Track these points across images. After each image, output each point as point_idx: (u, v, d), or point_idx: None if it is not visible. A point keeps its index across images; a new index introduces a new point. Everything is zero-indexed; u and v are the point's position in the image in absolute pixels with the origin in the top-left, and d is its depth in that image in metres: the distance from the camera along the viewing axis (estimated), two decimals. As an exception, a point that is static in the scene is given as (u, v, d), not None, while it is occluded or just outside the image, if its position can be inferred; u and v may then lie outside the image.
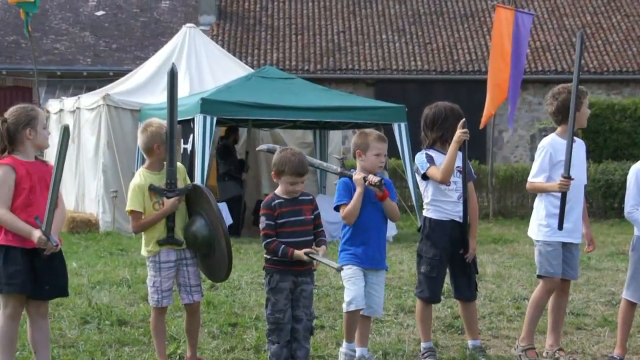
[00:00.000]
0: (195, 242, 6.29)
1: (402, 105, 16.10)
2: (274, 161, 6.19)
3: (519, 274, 11.19)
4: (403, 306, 8.81)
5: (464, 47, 29.71)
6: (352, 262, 6.56)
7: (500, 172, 21.66)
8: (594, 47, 29.68)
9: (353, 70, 28.96)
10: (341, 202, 6.54)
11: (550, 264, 6.79)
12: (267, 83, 15.72)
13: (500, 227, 18.50)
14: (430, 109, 6.96)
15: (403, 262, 12.35)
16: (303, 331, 6.13)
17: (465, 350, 6.90)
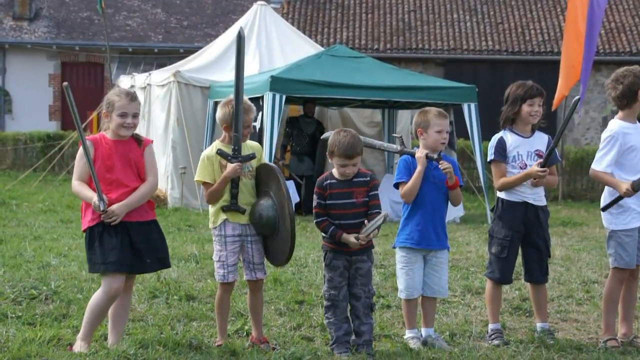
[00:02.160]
0: (260, 221, 6.29)
1: (472, 85, 15.95)
2: (329, 142, 6.22)
3: (589, 258, 11.05)
4: (470, 287, 8.77)
5: (536, 28, 29.33)
6: (408, 244, 6.54)
7: (571, 155, 21.41)
8: (671, 28, 29.05)
9: (423, 50, 28.79)
10: (401, 180, 6.53)
11: (630, 254, 6.67)
12: (337, 62, 15.70)
13: (569, 210, 18.29)
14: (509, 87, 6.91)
15: (470, 243, 12.28)
16: (363, 308, 6.17)
17: (533, 332, 6.84)
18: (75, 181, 5.96)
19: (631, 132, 6.65)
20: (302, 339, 6.61)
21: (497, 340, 6.61)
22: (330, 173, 6.28)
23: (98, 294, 5.95)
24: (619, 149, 6.63)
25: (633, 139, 6.63)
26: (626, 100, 6.73)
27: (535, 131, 6.86)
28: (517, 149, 6.77)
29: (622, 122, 6.72)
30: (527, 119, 6.76)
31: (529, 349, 6.36)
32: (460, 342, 6.68)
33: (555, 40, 28.39)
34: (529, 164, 6.71)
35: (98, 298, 5.94)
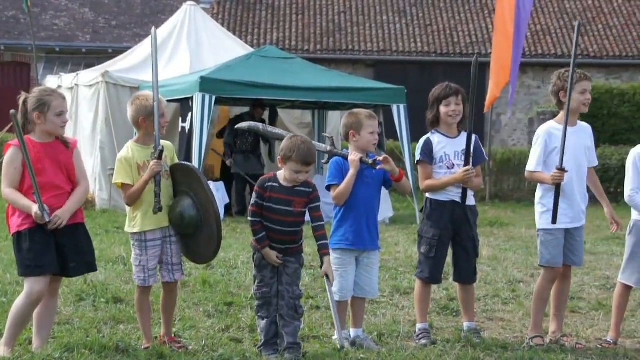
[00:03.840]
0: (183, 221, 6.25)
1: (401, 86, 16.08)
2: (282, 146, 6.16)
3: (515, 257, 11.21)
4: (399, 287, 8.84)
5: (464, 30, 29.65)
6: (342, 245, 6.56)
7: (498, 156, 21.68)
8: (595, 31, 29.61)
9: (353, 51, 28.90)
10: (333, 182, 6.54)
11: (551, 253, 6.79)
12: (267, 62, 15.69)
13: (496, 210, 18.52)
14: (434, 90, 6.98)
15: (399, 243, 12.37)
16: (287, 309, 6.15)
17: (460, 332, 6.92)
18: (7, 189, 5.81)
19: (558, 134, 6.75)
20: (231, 340, 6.59)
21: (424, 339, 6.67)
22: (275, 175, 6.24)
23: (21, 298, 5.87)
24: (544, 148, 6.75)
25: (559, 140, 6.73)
26: (556, 100, 6.92)
27: (462, 131, 6.93)
28: (444, 150, 6.83)
29: (553, 123, 6.88)
30: (446, 119, 6.83)
31: (456, 348, 6.43)
32: (388, 342, 6.73)
33: (483, 42, 28.73)
34: (457, 164, 6.78)
35: (21, 302, 5.85)
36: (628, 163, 6.99)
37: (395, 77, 24.43)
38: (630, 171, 6.94)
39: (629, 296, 7.18)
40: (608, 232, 14.06)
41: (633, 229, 6.97)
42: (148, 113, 6.23)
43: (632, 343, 6.98)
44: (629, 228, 7.03)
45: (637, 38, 29.39)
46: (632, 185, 6.89)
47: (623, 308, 7.02)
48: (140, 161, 6.22)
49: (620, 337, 6.96)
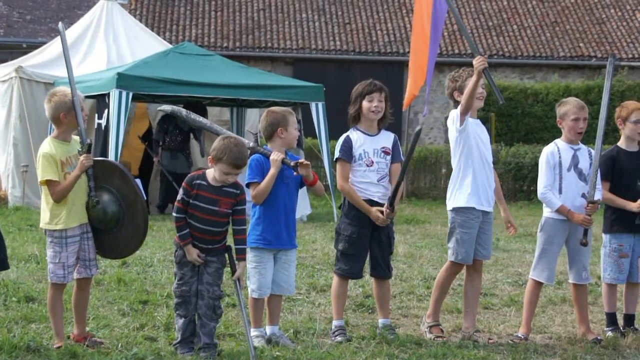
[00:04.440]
0: (105, 217, 6.21)
1: (320, 84, 16.13)
2: (214, 146, 6.12)
3: (430, 254, 11.34)
4: (315, 285, 8.87)
5: (382, 29, 29.87)
6: (260, 244, 6.57)
7: (415, 154, 21.87)
8: (509, 32, 30.13)
9: (272, 49, 28.90)
10: (253, 180, 6.53)
11: (466, 251, 6.91)
12: (185, 59, 15.59)
13: (413, 208, 18.71)
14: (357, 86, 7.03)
15: (316, 241, 12.42)
16: (205, 309, 6.12)
17: (375, 328, 6.97)
18: None
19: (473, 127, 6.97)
20: (146, 339, 6.53)
21: (340, 337, 6.71)
22: (204, 173, 6.21)
23: None
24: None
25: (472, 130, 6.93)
26: (452, 100, 7.11)
27: (382, 129, 6.99)
28: (363, 147, 6.87)
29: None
30: (368, 115, 6.87)
31: (371, 345, 6.49)
32: (304, 339, 6.75)
33: (401, 41, 28.99)
34: (376, 161, 6.84)
35: None
36: (541, 161, 7.14)
37: (314, 75, 24.50)
38: (542, 169, 7.09)
39: (540, 292, 7.34)
40: (521, 230, 14.33)
41: (544, 226, 7.11)
42: (68, 108, 6.16)
43: (542, 338, 7.12)
44: (540, 225, 7.18)
45: (550, 39, 29.98)
46: (545, 183, 7.04)
47: (534, 304, 7.17)
48: (63, 157, 6.15)
49: (530, 333, 7.10)
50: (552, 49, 29.61)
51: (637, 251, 7.27)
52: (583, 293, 7.18)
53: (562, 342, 6.95)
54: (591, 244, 7.13)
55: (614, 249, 7.26)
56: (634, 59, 29.20)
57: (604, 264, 7.32)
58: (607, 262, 7.30)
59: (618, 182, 7.25)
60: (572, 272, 7.16)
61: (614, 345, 6.79)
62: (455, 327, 7.28)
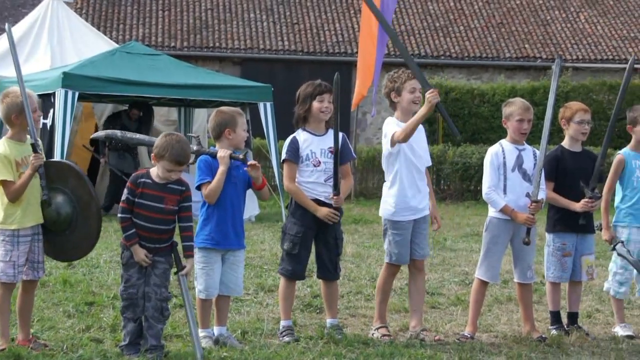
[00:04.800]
0: (58, 218, 6.17)
1: (268, 85, 16.13)
2: (157, 143, 6.12)
3: (378, 254, 11.38)
4: (263, 285, 8.88)
5: (330, 29, 29.92)
6: (207, 245, 6.56)
7: (363, 154, 21.96)
8: (456, 32, 30.35)
9: (220, 49, 28.81)
10: (204, 181, 6.51)
11: (400, 252, 6.99)
12: (132, 59, 15.49)
13: (361, 208, 18.78)
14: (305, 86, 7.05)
15: (265, 241, 12.42)
16: (153, 310, 6.09)
17: (323, 328, 6.99)
18: None
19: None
20: (91, 340, 6.49)
21: (287, 337, 6.72)
22: (148, 172, 6.19)
23: None
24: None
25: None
26: (389, 101, 7.13)
27: (329, 129, 7.02)
28: (310, 147, 6.89)
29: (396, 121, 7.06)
30: (318, 115, 6.90)
31: (318, 345, 6.51)
32: (252, 339, 6.76)
33: (349, 42, 29.07)
34: (323, 162, 6.86)
35: None
36: (485, 162, 7.21)
37: (262, 75, 24.47)
38: (487, 170, 7.16)
39: (486, 291, 7.41)
40: (467, 229, 14.48)
41: (489, 226, 7.19)
42: (20, 109, 6.13)
43: (488, 337, 7.20)
44: (485, 225, 7.26)
45: (496, 40, 30.26)
46: (490, 183, 7.11)
47: (480, 303, 7.24)
48: (18, 158, 6.12)
49: (477, 331, 7.17)
50: (498, 49, 29.89)
51: (579, 250, 7.38)
52: (528, 292, 7.26)
53: (507, 340, 7.03)
54: (535, 243, 7.22)
55: (557, 248, 7.35)
56: (578, 60, 29.57)
57: (548, 262, 7.42)
58: (550, 261, 7.39)
59: (562, 182, 7.35)
60: (517, 271, 7.24)
61: (558, 343, 6.89)
62: (402, 327, 7.33)
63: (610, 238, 7.39)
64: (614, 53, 30.12)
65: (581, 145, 7.52)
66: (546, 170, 7.20)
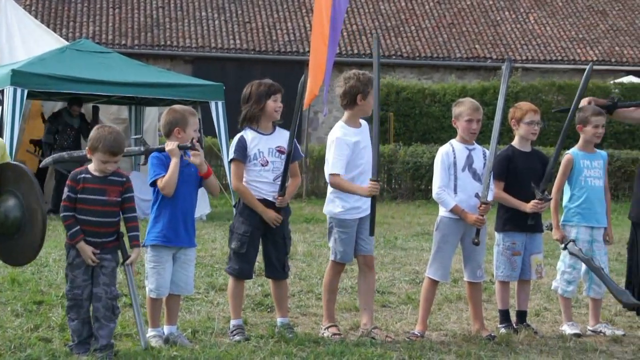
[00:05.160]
0: (6, 221, 6.10)
1: (219, 83, 16.09)
2: (90, 136, 6.13)
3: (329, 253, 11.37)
4: (214, 284, 8.85)
5: (282, 28, 29.91)
6: (159, 242, 6.53)
7: (315, 153, 21.96)
8: (407, 32, 30.50)
9: (171, 47, 28.69)
10: (159, 175, 6.48)
11: (345, 250, 7.01)
12: (82, 56, 15.36)
13: (313, 207, 18.77)
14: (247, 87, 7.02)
15: (216, 240, 12.39)
16: (104, 310, 6.06)
17: (273, 327, 6.99)
18: None
19: (351, 135, 6.98)
20: (40, 340, 6.43)
21: (238, 336, 6.71)
22: (86, 168, 6.16)
23: None
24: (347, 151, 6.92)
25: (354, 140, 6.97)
26: (347, 100, 7.07)
27: (276, 128, 7.02)
28: (258, 147, 6.88)
29: (345, 126, 7.05)
30: (272, 114, 6.90)
31: (269, 344, 6.50)
32: (202, 338, 6.73)
33: (301, 41, 29.09)
34: (271, 161, 6.86)
35: None
36: (436, 162, 7.25)
37: (213, 73, 24.37)
38: (437, 169, 7.20)
39: (436, 290, 7.46)
40: (418, 228, 14.55)
41: (439, 225, 7.23)
42: None
43: (438, 335, 7.24)
44: (436, 224, 7.30)
45: (447, 40, 30.46)
46: (440, 183, 7.15)
47: (430, 302, 7.28)
48: None
49: (427, 330, 7.21)
50: (449, 50, 30.10)
51: (529, 249, 7.45)
52: (477, 291, 7.32)
53: (457, 339, 7.07)
54: (485, 242, 7.29)
55: (506, 247, 7.42)
56: (528, 60, 29.88)
57: (497, 261, 7.48)
58: (500, 260, 7.46)
59: (513, 182, 7.41)
60: (467, 270, 7.30)
61: (507, 341, 6.95)
62: (353, 325, 7.35)
63: (561, 237, 7.48)
64: (562, 54, 30.47)
65: (531, 145, 7.60)
66: (497, 170, 7.26)
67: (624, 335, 7.35)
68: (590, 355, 6.63)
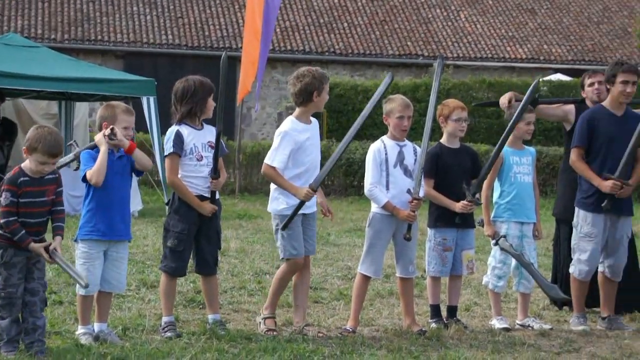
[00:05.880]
0: None
1: (151, 78, 15.97)
2: (28, 136, 6.01)
3: (262, 249, 11.41)
4: (145, 281, 8.79)
5: (215, 23, 29.80)
6: (93, 236, 6.46)
7: (248, 149, 21.93)
8: (340, 29, 30.60)
9: (102, 42, 28.40)
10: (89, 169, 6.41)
11: (295, 246, 6.99)
12: (10, 51, 15.11)
13: (245, 203, 18.75)
14: (180, 82, 6.98)
15: (147, 236, 12.30)
16: (40, 303, 6.05)
17: (205, 324, 6.96)
18: None
19: (301, 131, 6.98)
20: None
21: (169, 332, 6.67)
22: (21, 169, 6.05)
23: None
24: (292, 146, 6.93)
25: (303, 137, 6.96)
26: (302, 98, 7.06)
27: (204, 124, 7.01)
28: (194, 142, 6.87)
29: (295, 121, 7.04)
30: (209, 112, 6.92)
31: (201, 340, 6.47)
32: (133, 336, 6.68)
33: (234, 37, 29.00)
34: (205, 156, 6.86)
35: None
36: (368, 158, 7.30)
37: (145, 69, 24.23)
38: (369, 166, 7.25)
39: (368, 286, 7.51)
40: (351, 224, 14.63)
41: (372, 221, 7.27)
42: None
43: (370, 330, 7.29)
44: (368, 220, 7.33)
45: (379, 37, 30.63)
46: (371, 180, 7.20)
47: (362, 298, 7.32)
48: None
49: (358, 325, 7.25)
50: (382, 46, 30.26)
51: (460, 245, 7.53)
52: (409, 286, 7.38)
53: (388, 334, 7.13)
54: (417, 238, 7.35)
55: (438, 242, 7.49)
56: (459, 58, 30.18)
57: (429, 257, 7.55)
58: (431, 256, 7.52)
59: (442, 179, 7.49)
60: (399, 266, 7.35)
61: (438, 336, 7.02)
62: (285, 322, 7.36)
63: (492, 233, 7.58)
64: (492, 51, 30.84)
65: (459, 142, 7.68)
66: (426, 168, 7.32)
67: (551, 329, 7.48)
68: (518, 348, 6.72)
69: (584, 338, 7.21)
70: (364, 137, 23.07)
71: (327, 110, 23.67)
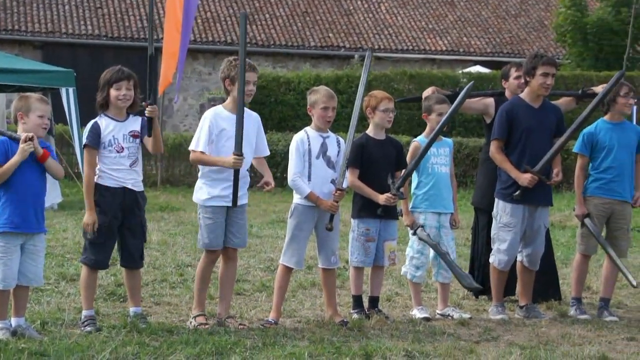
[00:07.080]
0: None
1: (70, 69, 15.73)
2: None
3: (184, 242, 11.36)
4: (65, 274, 8.68)
5: (135, 14, 29.50)
6: (7, 229, 6.35)
7: (170, 141, 21.76)
8: (262, 20, 30.54)
9: (19, 32, 27.90)
10: None
11: (210, 236, 6.98)
12: None
13: (168, 195, 18.62)
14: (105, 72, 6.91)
15: (67, 229, 12.14)
16: None
17: (126, 317, 6.90)
18: None
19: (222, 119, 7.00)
20: None
21: (89, 326, 6.60)
22: None
23: None
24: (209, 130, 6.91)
25: (228, 124, 6.94)
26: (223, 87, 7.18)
27: (130, 114, 6.93)
28: (113, 133, 6.79)
29: (220, 108, 7.11)
30: (116, 103, 6.82)
31: (121, 334, 6.40)
32: (52, 330, 6.60)
33: (155, 28, 28.71)
34: (126, 147, 6.80)
35: None
36: (291, 149, 7.32)
37: (64, 59, 23.86)
38: (292, 156, 7.27)
39: (290, 277, 7.51)
40: (273, 216, 14.64)
41: (294, 212, 7.28)
42: None
43: (292, 322, 7.30)
44: (290, 211, 7.35)
45: (301, 28, 30.65)
46: (294, 170, 7.22)
47: (284, 289, 7.33)
48: None
49: (281, 317, 7.25)
50: (303, 38, 30.29)
51: (383, 235, 7.58)
52: (331, 277, 7.41)
53: (310, 325, 7.15)
54: (339, 229, 7.38)
55: (361, 233, 7.53)
56: (380, 49, 30.34)
57: (352, 247, 7.59)
58: (354, 246, 7.56)
59: (367, 169, 7.53)
60: (321, 257, 7.37)
61: (359, 326, 7.06)
62: (208, 314, 7.32)
63: (411, 223, 7.65)
64: (413, 44, 31.09)
65: (385, 133, 7.73)
66: (351, 158, 7.36)
67: (470, 318, 7.58)
68: (438, 338, 6.80)
69: (502, 327, 7.33)
70: (286, 129, 23.13)
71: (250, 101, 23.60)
